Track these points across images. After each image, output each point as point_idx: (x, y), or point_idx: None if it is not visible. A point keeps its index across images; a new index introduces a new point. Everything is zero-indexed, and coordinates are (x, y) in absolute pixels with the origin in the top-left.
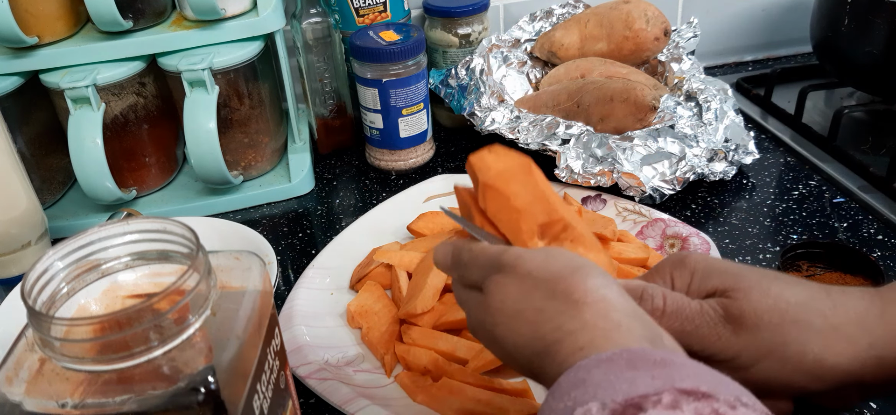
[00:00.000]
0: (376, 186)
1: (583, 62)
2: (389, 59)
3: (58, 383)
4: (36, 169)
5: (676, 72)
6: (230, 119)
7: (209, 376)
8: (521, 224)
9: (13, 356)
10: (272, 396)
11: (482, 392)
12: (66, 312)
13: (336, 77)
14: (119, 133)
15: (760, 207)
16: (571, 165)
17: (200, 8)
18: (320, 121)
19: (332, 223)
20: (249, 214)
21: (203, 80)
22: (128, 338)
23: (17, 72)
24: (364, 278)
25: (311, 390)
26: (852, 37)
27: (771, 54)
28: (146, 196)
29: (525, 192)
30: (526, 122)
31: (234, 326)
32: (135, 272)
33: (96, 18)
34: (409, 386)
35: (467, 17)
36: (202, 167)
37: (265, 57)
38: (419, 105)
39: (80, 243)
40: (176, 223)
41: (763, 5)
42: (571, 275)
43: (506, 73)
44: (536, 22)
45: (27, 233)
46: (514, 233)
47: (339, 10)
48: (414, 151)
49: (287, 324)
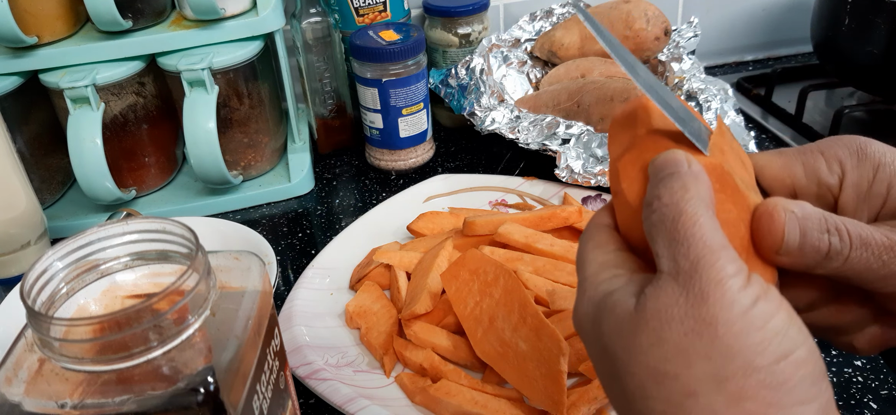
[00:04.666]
0: (376, 186)
1: (583, 62)
2: (389, 58)
3: (57, 384)
4: (35, 169)
5: (677, 71)
6: (230, 119)
7: (209, 377)
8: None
9: (12, 357)
10: (272, 396)
11: (480, 395)
12: (65, 312)
13: (336, 77)
14: (118, 133)
15: None
16: (572, 165)
17: (200, 8)
18: (320, 121)
19: (332, 223)
20: (249, 214)
21: (202, 79)
22: (127, 338)
23: (16, 72)
24: (363, 279)
25: (311, 390)
26: (853, 37)
27: (771, 54)
28: (146, 196)
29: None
30: (526, 121)
31: (233, 326)
32: (134, 272)
33: (96, 18)
34: (407, 387)
35: (467, 17)
36: (202, 167)
37: (265, 57)
38: (419, 105)
39: (79, 243)
40: (175, 223)
41: (763, 5)
42: (781, 365)
43: (506, 72)
44: (536, 21)
45: (27, 233)
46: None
47: (338, 9)
48: (414, 151)
49: (287, 324)
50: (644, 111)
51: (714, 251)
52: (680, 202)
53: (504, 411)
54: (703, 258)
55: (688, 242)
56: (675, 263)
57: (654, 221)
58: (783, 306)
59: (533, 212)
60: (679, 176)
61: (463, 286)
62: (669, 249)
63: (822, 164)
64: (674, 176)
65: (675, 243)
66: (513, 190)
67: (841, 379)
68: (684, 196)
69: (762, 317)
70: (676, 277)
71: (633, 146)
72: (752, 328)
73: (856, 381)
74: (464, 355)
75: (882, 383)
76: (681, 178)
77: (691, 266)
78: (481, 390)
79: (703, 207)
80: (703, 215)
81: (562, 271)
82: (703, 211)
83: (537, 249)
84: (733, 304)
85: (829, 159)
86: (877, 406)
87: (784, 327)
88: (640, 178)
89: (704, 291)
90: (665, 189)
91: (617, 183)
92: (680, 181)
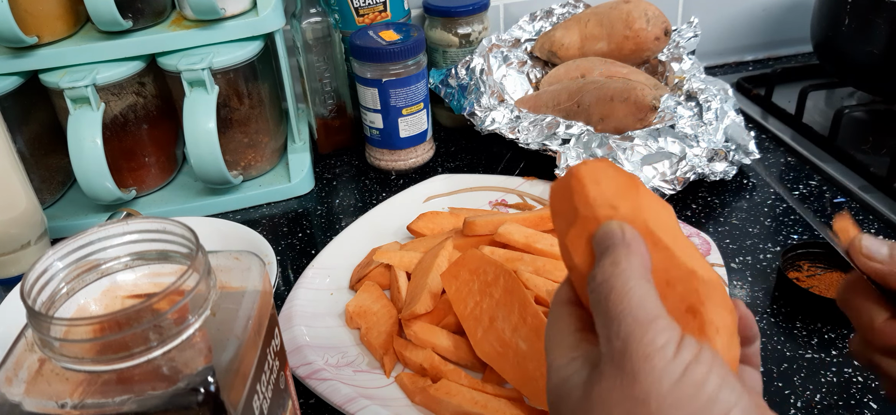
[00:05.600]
0: (376, 186)
1: (583, 62)
2: (389, 58)
3: (57, 384)
4: (35, 169)
5: (677, 71)
6: (230, 119)
7: (209, 377)
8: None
9: (13, 356)
10: (272, 396)
11: (480, 395)
12: (65, 312)
13: (336, 77)
14: (119, 133)
15: (761, 207)
16: (572, 165)
17: (200, 8)
18: (320, 121)
19: (332, 223)
20: (249, 214)
21: (203, 79)
22: (127, 338)
23: (16, 72)
24: (363, 279)
25: (311, 390)
26: (853, 36)
27: (771, 54)
28: (146, 196)
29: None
30: (526, 121)
31: (233, 326)
32: (134, 272)
33: (96, 18)
34: (408, 387)
35: (467, 17)
36: (202, 167)
37: (265, 57)
38: (419, 105)
39: (79, 243)
40: (175, 223)
41: (763, 5)
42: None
43: (506, 72)
44: (536, 22)
45: (27, 233)
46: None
47: (338, 9)
48: (414, 151)
49: (287, 324)
50: (578, 182)
51: (642, 325)
52: (610, 278)
53: (504, 411)
54: (632, 334)
55: (618, 319)
56: (609, 344)
57: (593, 302)
58: (715, 365)
59: (533, 212)
60: (611, 250)
61: (463, 286)
62: (605, 328)
63: None
64: (606, 251)
65: (609, 321)
66: (513, 190)
67: (841, 379)
68: (614, 271)
69: (693, 384)
70: (612, 358)
71: (577, 220)
72: (684, 399)
73: (856, 381)
74: (464, 355)
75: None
76: (613, 252)
77: (622, 345)
78: (481, 390)
79: (635, 279)
80: (634, 287)
81: (562, 271)
82: (634, 282)
83: (537, 249)
84: (662, 377)
85: None
86: (877, 406)
87: (716, 390)
88: (588, 250)
89: (635, 370)
90: (598, 268)
91: (569, 259)
92: (611, 256)
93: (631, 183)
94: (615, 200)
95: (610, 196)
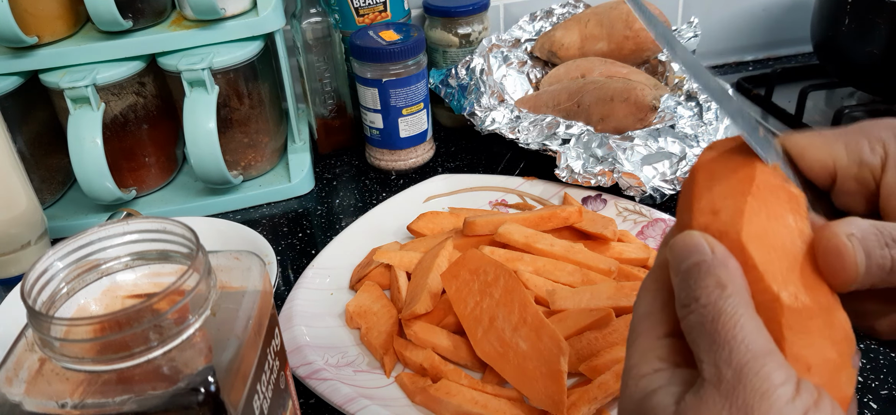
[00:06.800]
0: (376, 186)
1: (583, 62)
2: (389, 58)
3: (57, 384)
4: (36, 169)
5: (677, 71)
6: (230, 119)
7: (209, 377)
8: None
9: (13, 356)
10: (272, 396)
11: (480, 395)
12: (65, 312)
13: (336, 77)
14: (119, 133)
15: None
16: (572, 165)
17: (200, 7)
18: (320, 121)
19: (332, 223)
20: (249, 214)
21: (203, 79)
22: (127, 338)
23: (16, 72)
24: (363, 279)
25: (311, 390)
26: (853, 37)
27: (771, 54)
28: (146, 196)
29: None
30: (526, 122)
31: (234, 326)
32: (134, 272)
33: (96, 18)
34: (408, 387)
35: (467, 17)
36: (202, 167)
37: (265, 57)
38: (419, 105)
39: (79, 243)
40: (176, 223)
41: (763, 5)
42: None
43: (506, 72)
44: (536, 22)
45: (27, 233)
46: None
47: (339, 9)
48: (414, 151)
49: (287, 324)
50: (689, 180)
51: (758, 358)
52: (718, 302)
53: (504, 411)
54: (747, 366)
55: (730, 347)
56: (717, 371)
57: (693, 323)
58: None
59: (533, 212)
60: (711, 272)
61: (463, 286)
62: (710, 354)
63: (864, 145)
64: (706, 272)
65: (717, 348)
66: (513, 190)
67: None
68: (722, 295)
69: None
70: (719, 386)
71: (683, 226)
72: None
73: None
74: (464, 355)
75: (882, 383)
76: (713, 273)
77: (735, 375)
78: (481, 390)
79: (743, 306)
80: (744, 315)
81: (562, 271)
82: (743, 310)
83: (537, 249)
84: (780, 393)
85: (871, 140)
86: (877, 406)
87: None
88: None
89: (749, 405)
90: (701, 290)
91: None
92: (713, 278)
93: (746, 177)
94: (719, 203)
95: (716, 198)
